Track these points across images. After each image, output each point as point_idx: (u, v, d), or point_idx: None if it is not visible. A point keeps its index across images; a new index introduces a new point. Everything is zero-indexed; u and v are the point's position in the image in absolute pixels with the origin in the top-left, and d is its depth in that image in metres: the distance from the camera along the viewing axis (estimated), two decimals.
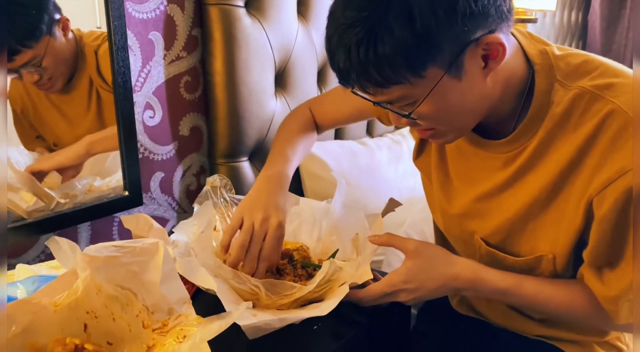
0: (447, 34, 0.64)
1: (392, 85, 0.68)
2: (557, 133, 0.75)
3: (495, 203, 0.83)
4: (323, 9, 1.45)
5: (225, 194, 1.05)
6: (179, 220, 1.28)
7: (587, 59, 0.76)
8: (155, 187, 1.22)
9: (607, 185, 0.70)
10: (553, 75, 0.75)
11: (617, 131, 0.70)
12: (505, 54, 0.69)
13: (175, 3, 1.17)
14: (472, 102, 0.73)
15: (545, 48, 0.77)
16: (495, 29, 0.68)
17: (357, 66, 0.66)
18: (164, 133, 1.21)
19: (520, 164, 0.79)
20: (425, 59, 0.65)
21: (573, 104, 0.73)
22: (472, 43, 0.67)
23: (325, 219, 1.05)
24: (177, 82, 1.21)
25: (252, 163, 1.34)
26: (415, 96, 0.70)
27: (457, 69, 0.68)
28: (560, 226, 0.77)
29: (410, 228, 1.40)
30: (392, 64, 0.65)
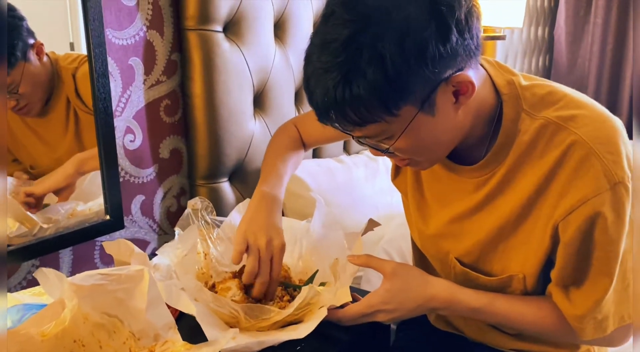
0: (418, 76, 0.67)
1: (368, 123, 0.70)
2: (525, 160, 0.78)
3: (467, 225, 0.87)
4: (299, 32, 1.48)
5: (207, 216, 1.06)
6: (160, 242, 1.29)
7: (552, 90, 0.79)
8: (136, 210, 1.23)
9: (571, 212, 0.74)
10: (520, 105, 0.78)
11: (579, 161, 0.73)
12: (474, 90, 0.73)
13: (154, 29, 1.19)
14: (445, 134, 0.76)
15: (512, 78, 0.80)
16: (464, 67, 0.71)
17: (334, 107, 0.69)
18: (145, 156, 1.23)
19: (491, 189, 0.82)
20: (398, 100, 0.68)
21: (539, 133, 0.77)
22: (442, 82, 0.70)
23: (305, 238, 1.08)
24: (157, 106, 1.23)
25: (232, 184, 1.36)
26: (392, 132, 0.73)
27: (430, 106, 0.71)
28: (529, 247, 0.81)
29: (388, 244, 1.43)
30: (367, 105, 0.68)
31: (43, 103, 1.04)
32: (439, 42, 0.66)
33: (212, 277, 1.02)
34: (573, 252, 0.77)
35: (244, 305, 0.84)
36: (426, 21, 0.65)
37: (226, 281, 0.97)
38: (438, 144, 0.78)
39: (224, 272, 1.03)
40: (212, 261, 1.04)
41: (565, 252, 0.78)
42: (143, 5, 1.16)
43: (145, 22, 1.18)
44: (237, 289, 0.94)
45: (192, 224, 1.00)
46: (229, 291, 0.93)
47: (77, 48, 1.04)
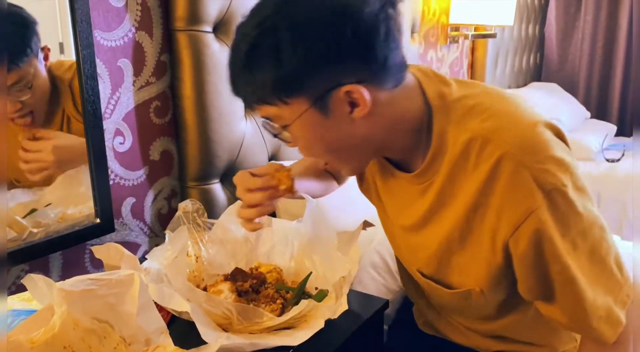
0: (308, 73, 0.70)
1: (264, 104, 0.75)
2: (459, 172, 0.78)
3: (420, 237, 0.87)
4: None
5: (198, 218, 1.06)
6: (151, 244, 1.28)
7: (480, 101, 0.79)
8: (127, 213, 1.23)
9: (517, 227, 0.73)
10: (449, 117, 0.78)
11: (510, 174, 0.73)
12: (366, 107, 0.73)
13: (143, 30, 1.19)
14: (343, 141, 0.77)
15: (443, 90, 0.80)
16: (365, 80, 0.72)
17: (238, 81, 0.74)
18: (135, 158, 1.22)
19: (433, 199, 0.82)
20: (288, 91, 0.72)
21: (468, 146, 0.76)
22: (335, 88, 0.71)
23: (297, 239, 1.07)
24: (146, 108, 1.22)
25: (223, 185, 1.36)
26: (285, 120, 0.75)
27: (323, 106, 0.73)
28: (480, 263, 0.81)
29: (380, 245, 1.43)
30: (262, 87, 0.72)
31: (46, 113, 1.03)
32: (332, 46, 0.68)
33: (204, 280, 1.02)
34: (530, 267, 0.76)
35: (237, 305, 0.84)
36: (325, 26, 0.68)
37: (218, 284, 0.97)
38: (338, 148, 0.78)
39: (215, 275, 1.02)
40: (204, 264, 1.03)
41: (521, 267, 0.78)
42: (132, 6, 1.16)
43: (134, 23, 1.17)
44: (229, 291, 0.93)
45: (182, 226, 0.99)
46: (221, 294, 0.92)
47: (67, 48, 1.03)
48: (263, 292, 0.96)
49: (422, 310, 1.06)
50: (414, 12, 2.15)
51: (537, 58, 3.87)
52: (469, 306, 0.90)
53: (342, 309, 0.85)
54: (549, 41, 3.78)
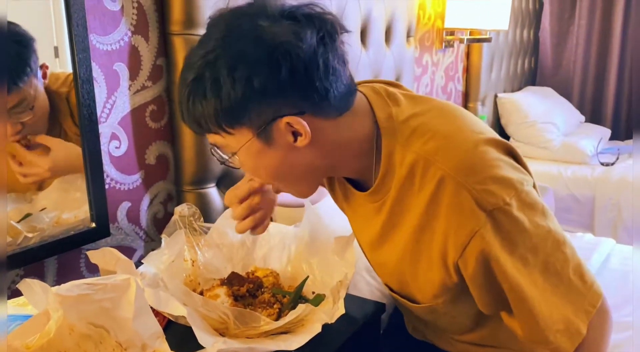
0: (248, 106, 0.72)
1: (210, 132, 0.77)
2: (406, 193, 0.79)
3: (380, 254, 0.88)
4: None
5: (194, 223, 1.06)
6: (146, 249, 1.28)
7: (424, 122, 0.79)
8: (122, 217, 1.22)
9: (464, 248, 0.74)
10: (395, 139, 0.79)
11: (451, 196, 0.73)
12: (307, 137, 0.74)
13: (139, 34, 1.18)
14: (289, 167, 0.79)
15: (392, 111, 0.81)
16: (306, 112, 0.74)
17: (185, 113, 0.76)
18: (130, 162, 1.21)
19: (385, 218, 0.83)
20: (229, 122, 0.74)
21: (412, 168, 0.77)
22: (276, 119, 0.73)
23: (294, 243, 1.07)
24: (142, 112, 1.22)
25: (219, 189, 1.35)
26: (231, 148, 0.78)
27: (266, 136, 0.75)
28: (435, 282, 0.81)
29: None
30: (206, 119, 0.74)
31: (46, 132, 1.03)
32: (269, 80, 0.70)
33: (200, 285, 1.01)
34: (482, 286, 0.77)
35: (234, 309, 0.83)
36: (262, 58, 0.70)
37: (214, 288, 0.96)
38: (284, 174, 0.80)
39: (212, 279, 1.02)
40: (200, 268, 1.03)
41: (474, 286, 0.78)
42: (128, 10, 1.15)
43: (130, 27, 1.17)
44: (225, 296, 0.93)
45: (179, 230, 0.99)
46: (217, 299, 0.92)
47: (62, 52, 1.03)
48: (260, 297, 0.96)
49: (409, 317, 1.07)
50: (409, 16, 2.16)
51: (532, 62, 3.89)
52: (439, 319, 0.91)
53: (339, 313, 0.85)
54: (543, 46, 3.80)
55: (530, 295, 0.75)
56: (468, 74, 2.96)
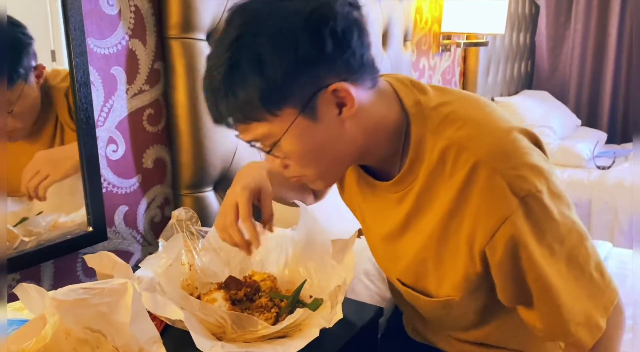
0: (294, 79, 0.70)
1: (253, 121, 0.73)
2: (436, 179, 0.78)
3: (399, 245, 0.87)
4: None
5: (191, 227, 1.05)
6: (143, 253, 1.27)
7: (455, 109, 0.79)
8: (120, 221, 1.22)
9: (493, 234, 0.73)
10: (426, 126, 0.79)
11: (485, 182, 0.73)
12: (354, 105, 0.73)
13: (136, 38, 1.18)
14: (334, 147, 0.77)
15: (420, 98, 0.81)
16: (347, 80, 0.73)
17: (222, 106, 0.73)
18: (128, 166, 1.21)
19: (410, 207, 0.82)
20: (277, 101, 0.71)
21: (444, 154, 0.77)
22: (322, 89, 0.72)
23: (291, 247, 1.07)
24: (140, 115, 1.22)
25: (217, 193, 1.35)
26: (275, 134, 0.74)
27: (312, 111, 0.72)
28: (457, 271, 0.81)
29: None
30: (250, 104, 0.71)
31: (32, 127, 1.02)
32: (312, 48, 0.69)
33: (197, 289, 1.01)
34: (507, 274, 0.77)
35: (231, 313, 0.83)
36: (301, 27, 0.68)
37: (212, 293, 0.96)
38: (326, 155, 0.78)
39: (209, 283, 1.02)
40: (197, 272, 1.03)
41: (499, 274, 0.78)
42: (125, 14, 1.15)
43: (128, 31, 1.17)
44: (223, 300, 0.93)
45: (177, 234, 0.99)
46: (214, 303, 0.92)
47: (59, 56, 1.03)
48: (257, 301, 0.95)
49: (410, 318, 1.06)
50: (406, 20, 2.16)
51: (528, 66, 3.90)
52: (449, 315, 0.90)
53: (337, 318, 0.84)
54: (539, 49, 3.81)
55: (555, 284, 0.75)
56: (465, 78, 2.96)
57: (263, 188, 0.93)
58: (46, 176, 1.03)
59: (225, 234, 0.90)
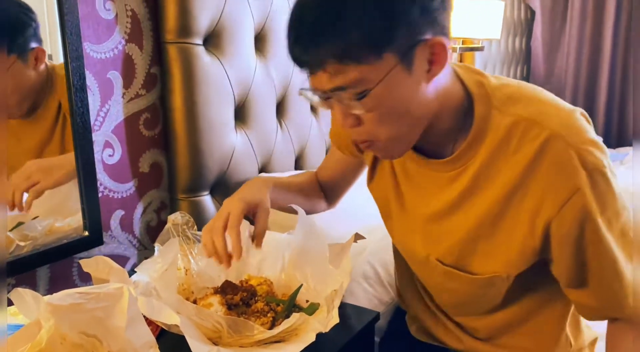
0: (404, 23, 0.69)
1: (352, 62, 0.70)
2: (499, 156, 0.79)
3: (446, 224, 0.87)
4: (280, 45, 1.49)
5: (187, 231, 1.05)
6: (139, 257, 1.27)
7: (519, 89, 0.82)
8: (116, 226, 1.22)
9: (562, 206, 0.75)
10: (490, 103, 0.80)
11: (558, 155, 0.75)
12: (446, 60, 0.74)
13: (133, 42, 1.19)
14: (415, 106, 0.76)
15: (481, 79, 0.82)
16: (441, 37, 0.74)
17: (325, 41, 0.69)
18: (124, 171, 1.21)
19: (466, 185, 0.82)
20: (384, 42, 0.69)
21: (511, 130, 0.78)
22: (422, 42, 0.71)
23: (288, 251, 1.07)
24: (136, 120, 1.22)
25: (213, 197, 1.35)
26: (369, 81, 0.71)
27: (409, 62, 0.71)
28: (511, 247, 0.81)
29: (372, 256, 1.43)
30: (357, 41, 0.68)
31: (26, 108, 1.01)
32: (416, 4, 0.69)
33: (193, 294, 1.01)
34: (570, 247, 0.78)
35: (227, 317, 0.83)
36: None
37: (208, 297, 0.96)
38: (407, 114, 0.76)
39: (205, 288, 1.01)
40: (193, 277, 1.02)
41: (561, 248, 0.79)
42: (122, 19, 1.16)
43: (124, 36, 1.17)
44: (219, 305, 0.93)
45: (173, 239, 0.99)
46: (210, 307, 0.92)
47: (55, 60, 1.03)
48: (253, 305, 0.95)
49: (418, 315, 1.06)
50: None
51: (524, 71, 3.92)
52: (485, 295, 0.90)
53: (333, 322, 0.84)
54: (535, 55, 3.83)
55: (614, 257, 0.78)
56: None
57: (261, 203, 0.93)
58: (36, 183, 1.03)
59: (208, 237, 0.90)
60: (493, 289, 0.87)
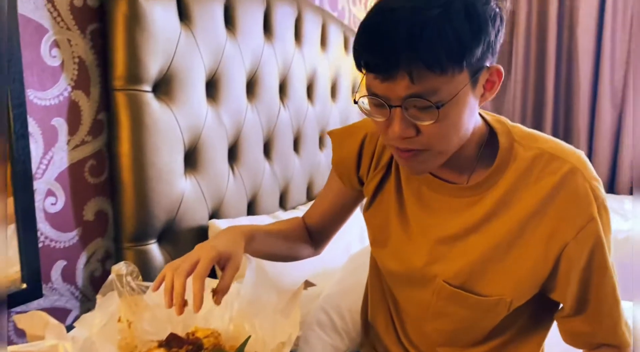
0: (483, 44, 0.76)
1: (437, 71, 0.74)
2: (520, 185, 0.86)
3: (460, 246, 0.90)
4: (232, 91, 1.50)
5: (132, 282, 1.02)
6: (82, 310, 1.22)
7: (530, 131, 0.91)
8: (57, 277, 1.17)
9: (581, 229, 0.83)
10: (512, 137, 0.89)
11: (577, 186, 0.83)
12: (496, 90, 0.82)
13: (80, 89, 1.17)
14: (468, 123, 0.83)
15: (500, 118, 0.92)
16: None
17: (425, 42, 0.72)
18: (67, 219, 1.18)
19: (487, 210, 0.88)
20: (468, 55, 0.75)
21: (534, 161, 0.86)
22: (488, 66, 0.80)
23: (237, 300, 1.05)
24: (81, 167, 1.19)
25: (161, 245, 1.32)
26: (443, 94, 0.76)
27: (475, 82, 0.79)
28: (522, 270, 0.87)
29: (326, 302, 1.42)
30: (449, 49, 0.73)
31: None
32: (497, 28, 0.78)
33: (137, 347, 0.97)
34: (579, 272, 0.85)
35: None
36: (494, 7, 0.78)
37: (152, 351, 0.92)
38: (462, 131, 0.82)
39: (149, 341, 0.98)
40: (137, 330, 0.99)
41: (570, 272, 0.85)
42: (68, 66, 1.14)
43: (70, 82, 1.15)
44: None
45: (112, 291, 0.95)
46: None
47: None
48: None
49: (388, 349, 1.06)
50: (354, 72, 2.23)
51: None
52: (479, 322, 0.93)
53: None
54: None
55: (613, 284, 0.87)
56: None
57: (232, 257, 0.91)
58: None
59: (170, 276, 0.85)
60: (492, 315, 0.91)
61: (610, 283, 0.86)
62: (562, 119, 3.62)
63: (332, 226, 1.17)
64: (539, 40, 3.58)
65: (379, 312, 1.08)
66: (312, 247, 1.17)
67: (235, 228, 0.99)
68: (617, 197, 3.06)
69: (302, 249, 1.15)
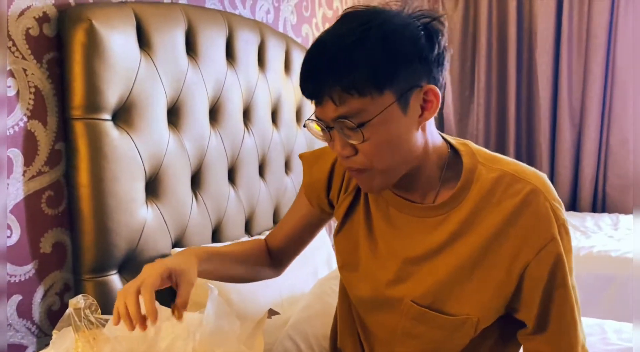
0: (405, 67, 0.80)
1: (356, 94, 0.79)
2: (484, 205, 0.88)
3: (427, 266, 0.91)
4: (194, 118, 1.49)
5: (90, 315, 0.99)
6: (39, 345, 1.18)
7: (492, 154, 0.94)
8: (12, 312, 1.13)
9: (540, 250, 0.85)
10: (476, 159, 0.91)
11: (538, 206, 0.85)
12: (436, 109, 0.85)
13: (36, 119, 1.15)
14: (406, 144, 0.85)
15: (464, 141, 0.95)
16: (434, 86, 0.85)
17: (336, 73, 0.79)
18: (22, 253, 1.14)
19: (452, 231, 0.89)
20: (386, 81, 0.79)
21: (496, 182, 0.88)
22: (419, 86, 0.82)
23: (199, 331, 1.03)
24: (38, 198, 1.17)
25: (122, 276, 1.29)
26: (369, 113, 0.81)
27: (405, 102, 0.82)
28: (487, 290, 0.88)
29: (292, 329, 1.40)
30: (364, 76, 0.79)
31: None
32: (426, 49, 0.82)
33: None
34: (540, 290, 0.86)
35: None
36: (421, 29, 0.82)
37: None
38: (398, 152, 0.85)
39: None
40: None
41: (532, 290, 0.86)
42: (24, 95, 1.13)
43: (26, 112, 1.13)
44: None
45: (68, 327, 0.92)
46: None
47: None
48: None
49: None
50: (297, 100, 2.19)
51: None
52: (448, 341, 0.92)
53: None
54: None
55: (573, 304, 0.88)
56: None
57: (185, 272, 0.90)
58: None
59: (121, 301, 0.85)
60: (460, 335, 0.91)
61: (569, 303, 0.87)
62: (525, 140, 3.72)
63: (296, 247, 1.18)
64: (500, 65, 3.69)
65: (348, 337, 1.08)
66: (273, 269, 1.17)
67: (189, 249, 0.99)
68: (579, 215, 3.14)
69: (261, 271, 1.15)
